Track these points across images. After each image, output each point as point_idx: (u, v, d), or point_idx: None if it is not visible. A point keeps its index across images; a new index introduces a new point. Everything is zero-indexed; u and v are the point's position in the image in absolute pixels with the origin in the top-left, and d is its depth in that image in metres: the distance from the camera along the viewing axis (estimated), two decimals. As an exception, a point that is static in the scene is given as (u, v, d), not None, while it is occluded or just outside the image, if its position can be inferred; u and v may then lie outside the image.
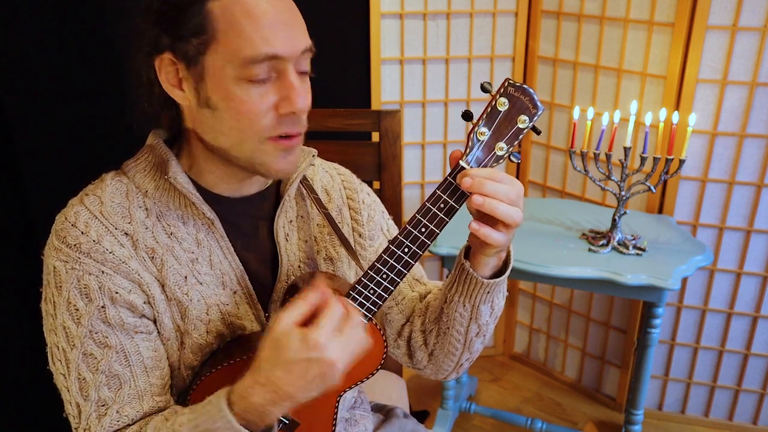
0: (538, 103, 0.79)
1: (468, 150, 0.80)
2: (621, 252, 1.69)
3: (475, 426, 2.12)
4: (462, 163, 0.80)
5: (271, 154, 0.84)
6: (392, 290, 0.85)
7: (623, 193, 1.71)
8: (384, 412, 1.22)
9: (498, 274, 0.90)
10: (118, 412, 0.83)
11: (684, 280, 1.97)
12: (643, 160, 1.64)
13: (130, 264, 0.84)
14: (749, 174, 1.84)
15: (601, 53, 1.97)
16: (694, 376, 2.09)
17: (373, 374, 0.95)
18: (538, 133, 0.82)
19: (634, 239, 1.73)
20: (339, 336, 0.73)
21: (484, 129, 0.79)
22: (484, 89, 0.80)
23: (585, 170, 1.72)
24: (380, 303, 0.86)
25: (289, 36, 0.80)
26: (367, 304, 0.85)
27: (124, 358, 0.84)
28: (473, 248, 0.87)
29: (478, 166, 0.80)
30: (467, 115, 0.80)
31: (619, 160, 1.69)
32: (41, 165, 1.63)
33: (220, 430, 0.74)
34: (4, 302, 1.63)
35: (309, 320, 0.74)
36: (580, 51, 2.02)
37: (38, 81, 1.59)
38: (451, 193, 0.81)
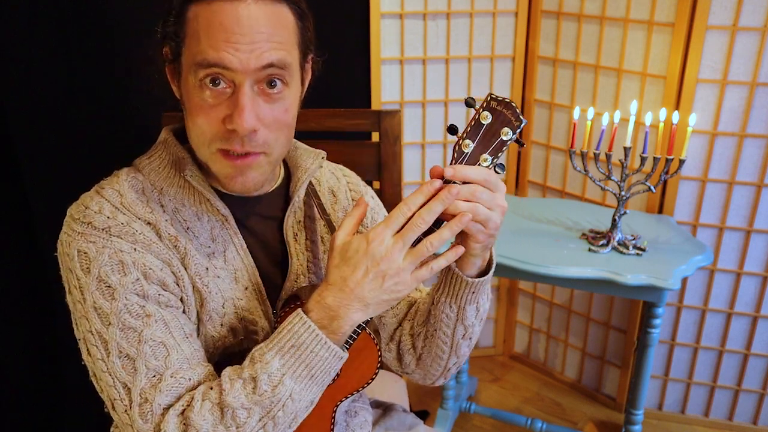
0: (521, 117, 0.81)
1: (453, 162, 0.82)
2: (621, 252, 1.69)
3: (475, 426, 2.12)
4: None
5: (221, 167, 0.85)
6: None
7: (623, 193, 1.71)
8: (383, 408, 1.23)
9: (482, 274, 0.92)
10: (172, 375, 0.80)
11: (684, 280, 1.97)
12: (643, 160, 1.64)
13: (159, 245, 0.85)
14: (749, 174, 1.84)
15: (601, 53, 1.97)
16: (694, 376, 2.09)
17: (369, 383, 0.95)
18: (522, 145, 0.84)
19: (634, 239, 1.73)
20: (396, 235, 0.78)
21: (468, 141, 0.82)
22: (468, 104, 0.83)
23: (585, 170, 1.72)
24: None
25: (240, 48, 0.79)
26: None
27: (165, 326, 0.82)
28: None
29: None
30: (452, 129, 0.82)
31: (619, 160, 1.69)
32: (42, 166, 1.63)
33: (305, 342, 0.79)
34: (5, 303, 1.63)
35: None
36: (580, 51, 2.02)
37: (38, 81, 1.59)
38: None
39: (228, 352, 0.94)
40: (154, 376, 0.80)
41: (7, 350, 1.65)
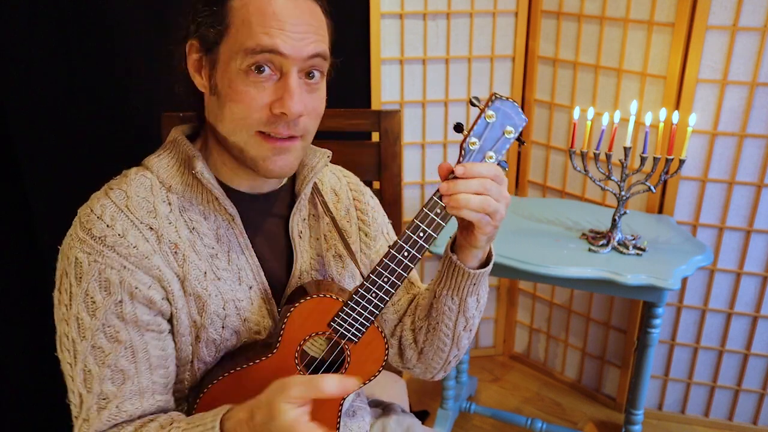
0: (522, 116, 0.85)
1: (461, 158, 0.86)
2: (621, 252, 1.69)
3: (475, 426, 2.12)
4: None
5: (259, 150, 0.87)
6: (393, 293, 0.89)
7: (623, 193, 1.71)
8: (382, 407, 1.23)
9: (482, 266, 0.95)
10: (117, 407, 0.85)
11: (684, 280, 1.97)
12: (643, 160, 1.64)
13: (152, 259, 0.86)
14: (749, 174, 1.84)
15: (601, 53, 1.97)
16: (694, 376, 2.09)
17: (375, 376, 0.96)
18: (522, 143, 0.88)
19: (634, 239, 1.73)
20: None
21: (474, 139, 0.85)
22: (473, 104, 0.86)
23: (585, 170, 1.72)
24: (382, 306, 0.89)
25: (293, 36, 0.82)
26: (370, 307, 0.88)
27: (132, 355, 0.85)
28: (461, 242, 0.92)
29: None
30: (458, 127, 0.86)
31: (619, 160, 1.69)
32: (42, 166, 1.63)
33: None
34: (5, 303, 1.63)
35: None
36: (580, 51, 2.02)
37: (38, 81, 1.59)
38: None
39: (231, 353, 0.94)
40: (104, 399, 0.85)
41: (7, 350, 1.65)
